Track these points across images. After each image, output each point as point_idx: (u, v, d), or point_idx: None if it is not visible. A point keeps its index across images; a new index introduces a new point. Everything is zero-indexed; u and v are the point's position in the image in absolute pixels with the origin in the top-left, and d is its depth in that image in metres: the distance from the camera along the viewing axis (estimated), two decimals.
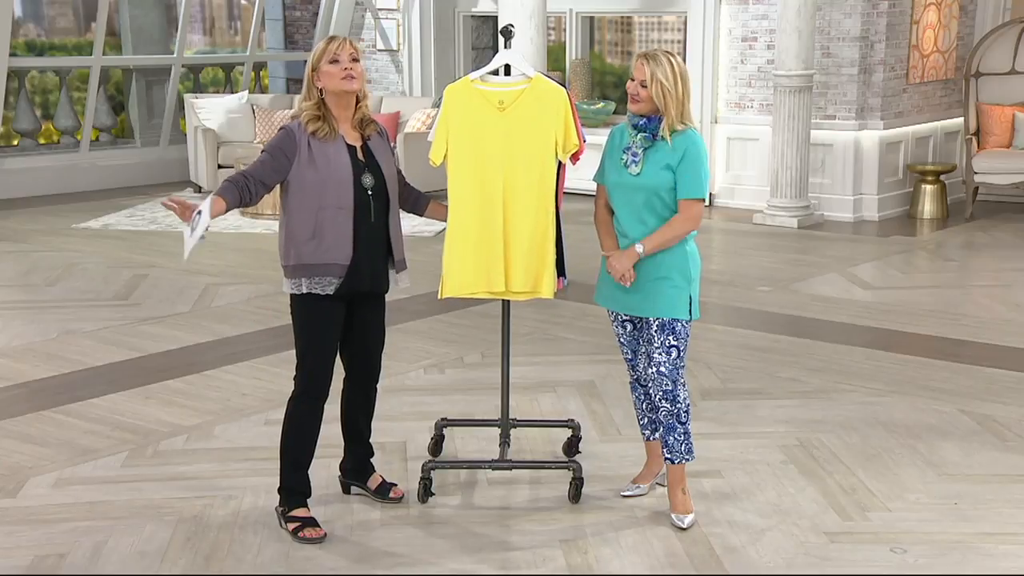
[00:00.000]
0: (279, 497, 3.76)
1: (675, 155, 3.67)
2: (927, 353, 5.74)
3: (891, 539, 3.68)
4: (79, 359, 5.65)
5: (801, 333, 6.13)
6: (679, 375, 3.77)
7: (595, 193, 3.90)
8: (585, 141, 3.86)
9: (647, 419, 3.98)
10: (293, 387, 3.75)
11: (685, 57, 9.99)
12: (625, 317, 3.86)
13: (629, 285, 3.71)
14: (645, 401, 3.95)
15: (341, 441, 3.98)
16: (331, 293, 3.63)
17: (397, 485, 3.99)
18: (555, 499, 3.96)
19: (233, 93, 11.41)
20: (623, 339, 3.90)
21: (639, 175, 3.70)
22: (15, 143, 10.95)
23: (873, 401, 5.00)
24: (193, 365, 5.55)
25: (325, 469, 4.00)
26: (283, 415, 3.78)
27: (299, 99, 3.71)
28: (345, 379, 3.90)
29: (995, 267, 7.90)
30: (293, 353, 3.76)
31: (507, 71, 3.91)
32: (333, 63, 3.59)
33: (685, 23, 10.28)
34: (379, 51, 11.81)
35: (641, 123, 3.71)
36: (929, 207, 9.45)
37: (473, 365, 5.54)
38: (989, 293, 7.11)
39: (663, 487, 3.97)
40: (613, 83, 12.06)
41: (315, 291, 3.62)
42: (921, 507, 3.92)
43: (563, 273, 3.91)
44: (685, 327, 3.77)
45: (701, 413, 4.78)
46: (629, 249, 3.69)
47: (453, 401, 4.99)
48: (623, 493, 3.98)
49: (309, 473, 3.77)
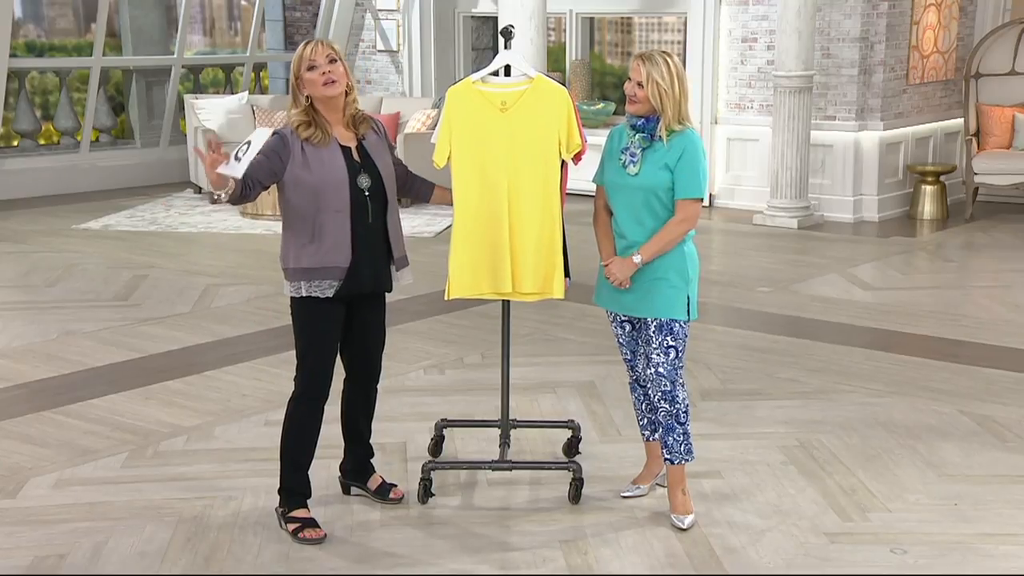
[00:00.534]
0: (279, 498, 3.76)
1: (674, 155, 3.68)
2: (927, 354, 5.74)
3: (891, 540, 3.68)
4: (79, 360, 5.65)
5: (801, 334, 6.13)
6: (678, 376, 3.77)
7: (595, 194, 3.90)
8: (587, 141, 3.87)
9: (647, 419, 3.98)
10: (293, 388, 3.75)
11: (685, 58, 9.99)
12: (624, 318, 3.87)
13: (624, 287, 3.72)
14: (645, 402, 3.95)
15: (341, 442, 3.98)
16: (331, 296, 3.63)
17: (397, 486, 3.99)
18: (555, 500, 3.96)
19: (233, 94, 11.41)
20: (622, 340, 3.91)
21: (637, 175, 3.70)
22: (15, 144, 10.95)
23: (873, 402, 5.00)
24: (193, 366, 5.55)
25: (325, 470, 4.00)
26: (283, 416, 3.78)
27: (287, 106, 3.68)
28: (345, 380, 3.90)
29: (995, 268, 7.90)
30: (293, 354, 3.76)
31: (507, 72, 3.92)
32: (311, 70, 3.57)
33: (685, 24, 10.28)
34: (379, 52, 11.81)
35: (639, 123, 3.72)
36: (929, 208, 9.45)
37: (473, 366, 5.55)
38: (989, 294, 7.11)
39: (663, 488, 3.97)
40: (613, 84, 12.06)
41: (315, 294, 3.62)
42: (921, 508, 3.92)
43: (567, 273, 3.92)
44: (683, 327, 3.77)
45: (701, 414, 4.78)
46: (627, 259, 3.70)
47: (453, 402, 4.99)
48: (623, 494, 3.98)
49: (309, 474, 3.77)
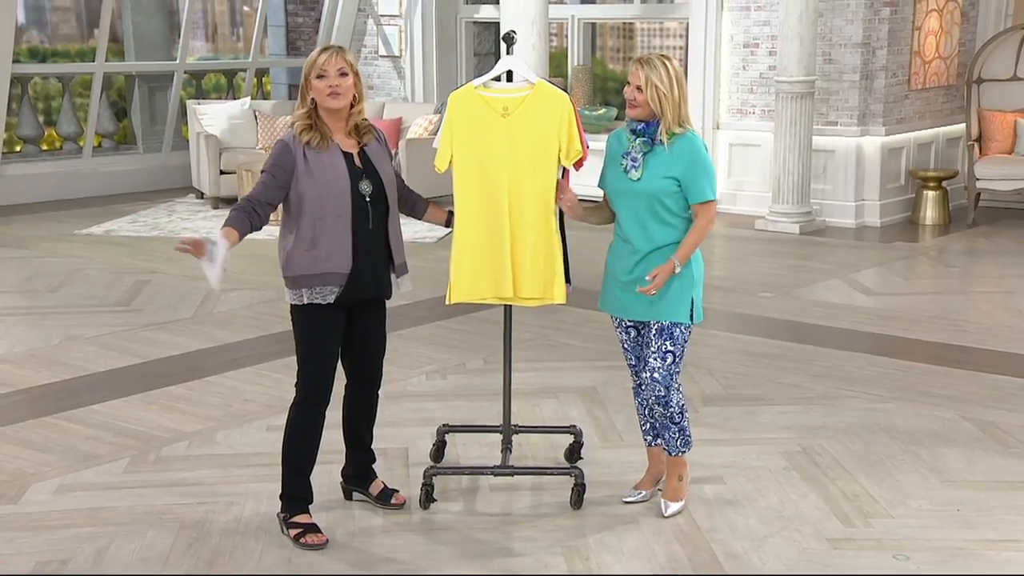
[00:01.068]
0: (281, 503, 3.76)
1: (677, 161, 3.68)
2: (929, 359, 5.73)
3: (894, 546, 3.67)
4: (81, 365, 5.65)
5: (803, 339, 6.12)
6: (672, 380, 3.78)
7: (601, 200, 3.90)
8: (588, 148, 3.87)
9: (649, 424, 3.98)
10: (295, 394, 3.75)
11: (687, 64, 10.00)
12: (629, 323, 3.87)
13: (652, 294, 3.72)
14: (647, 408, 3.95)
15: (343, 447, 3.98)
16: (331, 302, 3.62)
17: (399, 491, 3.99)
18: (557, 505, 3.96)
19: (235, 99, 11.43)
20: (627, 345, 3.91)
21: (639, 180, 3.71)
22: (18, 149, 10.96)
23: (875, 407, 5.00)
24: (195, 371, 5.55)
25: (327, 475, 4.00)
26: (285, 421, 3.77)
27: (296, 105, 3.71)
28: (346, 385, 3.90)
29: (997, 273, 7.90)
30: (295, 359, 3.76)
31: (509, 77, 3.92)
32: (320, 78, 3.59)
33: (687, 29, 10.29)
34: (381, 57, 11.82)
35: (639, 128, 3.72)
36: (931, 213, 9.45)
37: (475, 371, 5.54)
38: (991, 299, 7.10)
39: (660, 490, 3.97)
40: (615, 89, 12.07)
41: (316, 301, 3.62)
42: (924, 514, 3.91)
43: (568, 279, 3.92)
44: (684, 332, 3.77)
45: (703, 419, 4.78)
46: (668, 267, 3.69)
47: (455, 407, 4.98)
48: (625, 499, 3.98)
49: (311, 479, 3.77)
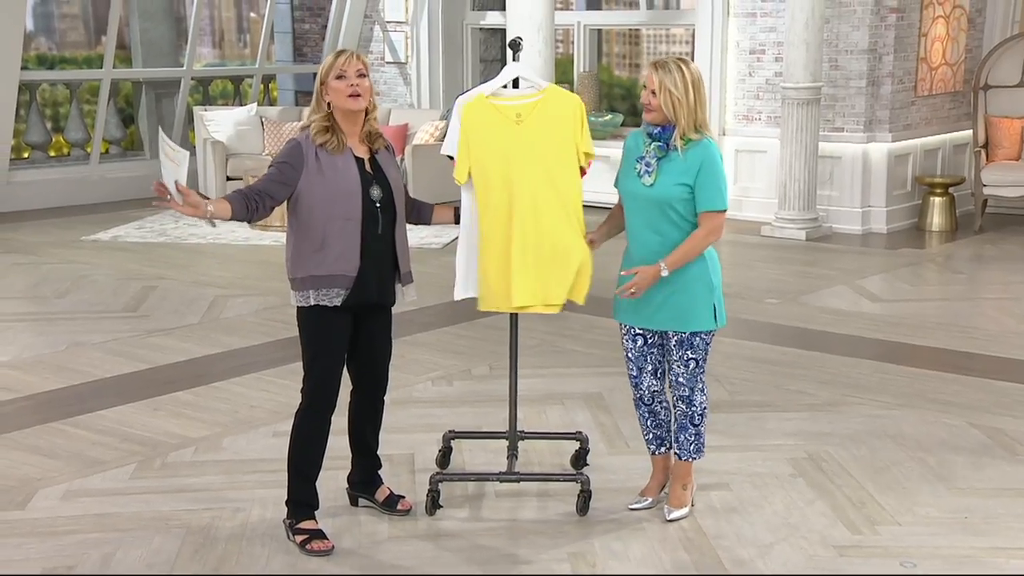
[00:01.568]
0: (287, 509, 3.76)
1: (690, 168, 3.65)
2: (936, 366, 5.72)
3: (901, 553, 3.66)
4: (88, 371, 5.66)
5: (809, 345, 6.11)
6: (697, 382, 3.81)
7: (614, 205, 3.89)
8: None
9: (652, 434, 3.97)
10: (301, 399, 3.76)
11: None
12: (638, 331, 3.84)
13: (635, 298, 3.72)
14: (650, 418, 3.94)
15: (349, 453, 3.98)
16: (338, 304, 3.63)
17: (405, 497, 3.99)
18: (563, 512, 3.95)
19: (242, 105, 11.46)
20: (631, 354, 3.88)
21: (652, 186, 3.68)
22: (26, 156, 11.00)
23: (882, 414, 4.98)
24: (201, 377, 5.56)
25: (333, 481, 4.00)
26: (291, 427, 3.77)
27: (308, 110, 3.72)
28: (352, 391, 3.90)
29: (1004, 280, 7.88)
30: (301, 365, 3.76)
31: (515, 84, 3.92)
32: (339, 79, 3.58)
33: (693, 36, 10.29)
34: (387, 63, 11.84)
35: (655, 132, 3.69)
36: (938, 219, 9.43)
37: (481, 377, 5.54)
38: (998, 306, 7.09)
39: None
40: (621, 95, 12.08)
41: (323, 303, 3.63)
42: (931, 521, 3.90)
43: None
44: (705, 339, 3.78)
45: (709, 426, 4.75)
46: (654, 267, 3.67)
47: (461, 413, 4.98)
48: (630, 506, 3.97)
49: (317, 485, 3.77)
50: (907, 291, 7.51)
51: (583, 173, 3.86)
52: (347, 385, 3.85)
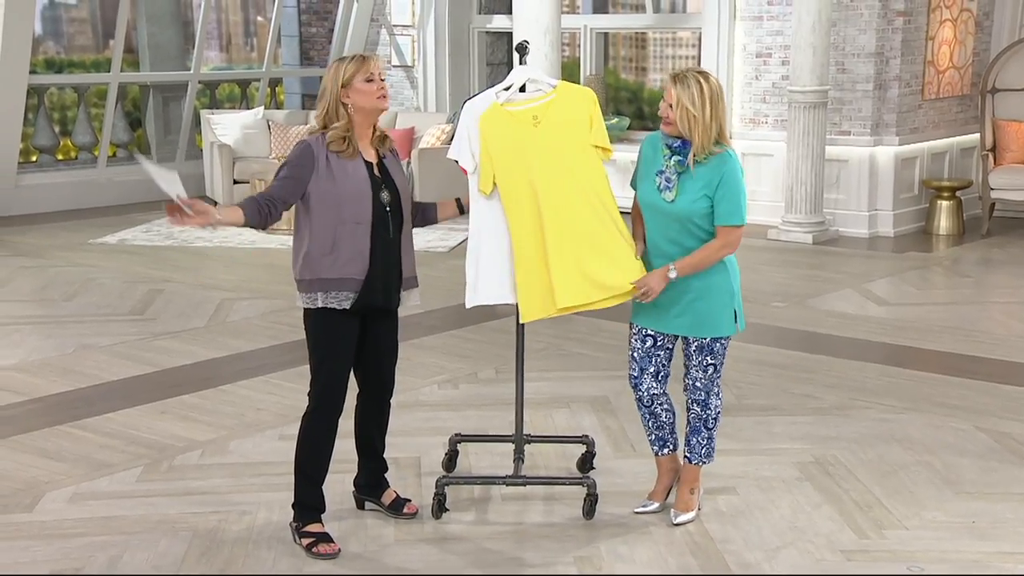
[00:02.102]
0: (293, 512, 3.77)
1: (711, 181, 3.62)
2: (943, 370, 5.71)
3: (908, 557, 3.65)
4: (95, 374, 5.68)
5: (816, 349, 6.10)
6: (713, 386, 3.82)
7: (633, 201, 3.84)
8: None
9: (654, 436, 3.96)
10: (308, 402, 3.76)
11: None
12: (649, 332, 3.83)
13: (647, 301, 3.70)
14: (651, 420, 3.92)
15: (355, 456, 3.98)
16: (347, 308, 3.63)
17: (411, 501, 3.99)
18: (569, 515, 3.95)
19: (249, 109, 11.48)
20: (637, 354, 3.86)
21: (673, 203, 3.66)
22: (34, 159, 11.03)
23: (889, 418, 4.97)
24: (208, 380, 5.57)
25: (339, 484, 4.00)
26: (297, 430, 3.78)
27: (315, 116, 3.71)
28: (359, 394, 3.90)
29: (1012, 283, 7.86)
30: (308, 368, 3.76)
31: (522, 88, 3.92)
32: (369, 81, 3.60)
33: (699, 39, 10.29)
34: (394, 67, 11.86)
35: (676, 145, 3.66)
36: (945, 223, 9.41)
37: (487, 380, 5.54)
38: (1006, 310, 7.07)
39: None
40: (627, 99, 12.08)
41: (331, 305, 3.63)
42: (938, 525, 3.89)
43: None
44: (724, 344, 3.79)
45: None
46: (662, 270, 3.66)
47: (467, 416, 4.98)
48: (636, 510, 3.97)
49: (323, 488, 3.78)
50: (914, 295, 7.49)
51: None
52: (354, 388, 3.85)
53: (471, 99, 3.91)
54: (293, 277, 3.70)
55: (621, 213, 3.83)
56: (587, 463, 4.35)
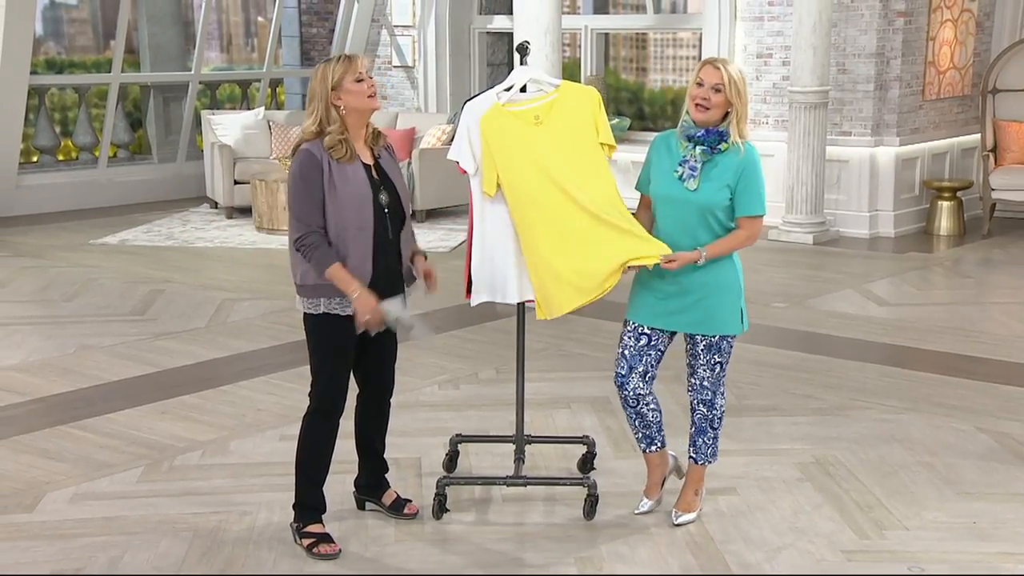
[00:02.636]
0: (294, 513, 3.77)
1: (734, 172, 3.63)
2: (943, 370, 5.71)
3: (909, 558, 3.65)
4: (96, 374, 5.68)
5: (816, 350, 6.10)
6: (719, 386, 3.83)
7: (639, 203, 3.84)
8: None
9: (641, 434, 3.92)
10: (308, 403, 3.76)
11: None
12: (645, 330, 3.80)
13: (672, 269, 3.62)
14: (637, 419, 3.87)
15: (355, 457, 3.98)
16: (350, 313, 3.62)
17: (411, 501, 3.99)
18: (570, 516, 3.95)
19: (249, 109, 11.48)
20: (628, 351, 3.80)
21: (696, 191, 3.64)
22: (35, 160, 11.04)
23: (889, 418, 4.97)
24: (209, 380, 5.57)
25: (340, 485, 4.00)
26: (298, 431, 3.78)
27: (307, 120, 3.59)
28: (359, 395, 3.90)
29: (1012, 284, 7.86)
30: (308, 368, 3.76)
31: (522, 89, 3.92)
32: (359, 81, 3.58)
33: (700, 40, 10.29)
34: (394, 67, 11.86)
35: (699, 135, 3.64)
36: (946, 224, 9.42)
37: (488, 381, 5.54)
38: (1006, 310, 7.07)
39: (681, 478, 3.98)
40: (628, 99, 12.07)
41: (334, 311, 3.62)
42: (939, 526, 3.89)
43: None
44: (730, 343, 3.79)
45: None
46: (694, 252, 3.64)
47: (467, 417, 4.98)
48: (636, 511, 3.96)
49: (324, 489, 3.78)
50: (914, 295, 7.49)
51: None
52: (354, 389, 3.85)
53: (471, 99, 3.91)
54: (293, 281, 3.69)
55: None
56: (588, 463, 4.35)
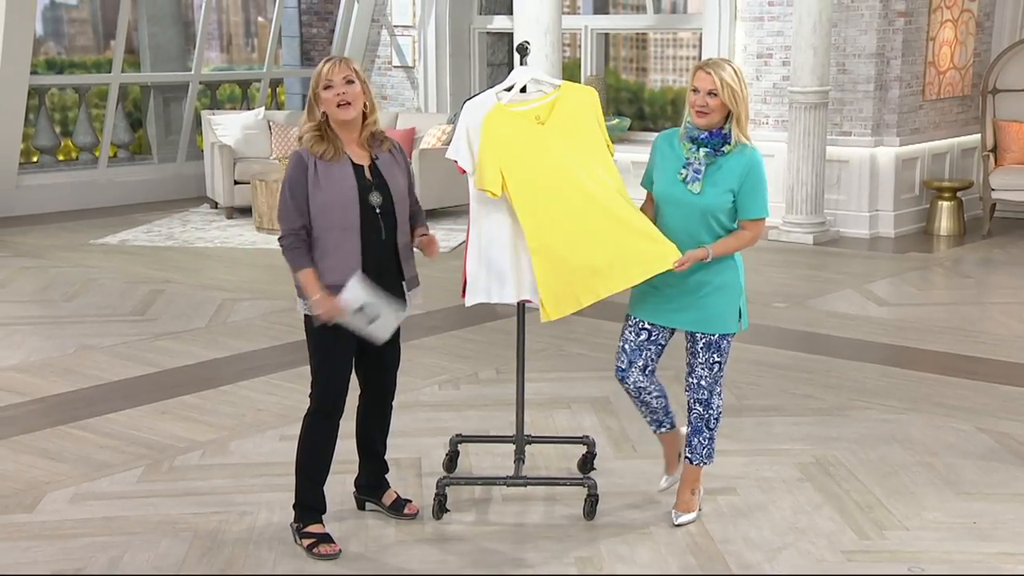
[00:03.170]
0: (294, 513, 3.77)
1: (737, 174, 3.63)
2: (944, 370, 5.71)
3: (909, 558, 3.65)
4: (96, 374, 5.68)
5: (816, 350, 6.11)
6: (716, 386, 3.82)
7: (644, 200, 3.83)
8: None
9: (649, 418, 3.96)
10: (309, 403, 3.76)
11: None
12: (646, 325, 3.80)
13: (682, 270, 3.64)
14: (642, 407, 3.92)
15: (356, 457, 3.98)
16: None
17: (412, 501, 3.99)
18: (570, 516, 3.95)
19: (250, 109, 11.48)
20: (628, 346, 3.81)
21: (700, 194, 3.64)
22: (35, 160, 11.04)
23: (890, 419, 4.97)
24: (209, 380, 5.57)
25: (340, 485, 4.00)
26: (298, 431, 3.78)
27: (301, 119, 3.66)
28: (360, 395, 3.90)
29: (1012, 284, 7.86)
30: (308, 369, 3.76)
31: (523, 89, 3.92)
32: (327, 89, 3.55)
33: (700, 40, 10.29)
34: (395, 67, 11.86)
35: (703, 137, 3.63)
36: (946, 224, 9.42)
37: (488, 381, 5.54)
38: (1006, 310, 7.07)
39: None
40: (628, 99, 12.07)
41: None
42: (939, 526, 3.89)
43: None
44: (729, 342, 3.80)
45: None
46: (702, 250, 3.65)
47: (468, 417, 4.98)
48: (659, 489, 4.03)
49: (324, 489, 3.78)
50: (915, 295, 7.49)
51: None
52: (355, 389, 3.85)
53: (471, 99, 3.91)
54: (293, 282, 3.70)
55: None
56: (588, 464, 4.35)
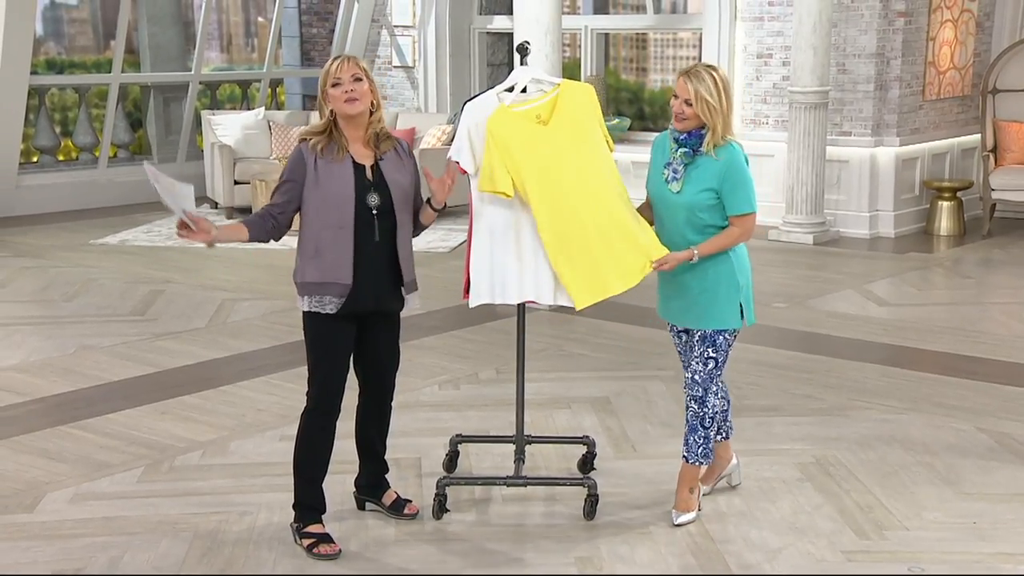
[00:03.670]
0: (294, 513, 3.77)
1: (717, 173, 3.69)
2: (944, 371, 5.71)
3: (909, 558, 3.65)
4: (96, 374, 5.68)
5: (817, 350, 6.10)
6: (711, 384, 3.83)
7: (644, 201, 3.92)
8: None
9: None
10: (306, 402, 3.76)
11: None
12: (679, 328, 3.93)
13: (665, 270, 3.73)
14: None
15: (356, 457, 3.98)
16: (332, 312, 3.62)
17: (412, 501, 3.99)
18: (570, 516, 3.95)
19: (250, 109, 11.48)
20: (679, 348, 4.01)
21: (679, 193, 3.73)
22: (35, 160, 11.04)
23: (890, 419, 4.98)
24: (209, 380, 5.57)
25: (340, 485, 4.00)
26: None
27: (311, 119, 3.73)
28: (360, 395, 3.90)
29: (1012, 284, 7.86)
30: (307, 369, 3.77)
31: (523, 89, 3.93)
32: (335, 86, 3.59)
33: (700, 40, 10.29)
34: (395, 68, 11.86)
35: (682, 138, 3.73)
36: (946, 224, 9.42)
37: (488, 381, 5.54)
38: (1006, 310, 7.07)
39: (732, 487, 4.10)
40: (628, 99, 12.07)
41: (315, 309, 3.63)
42: (939, 526, 3.89)
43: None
44: (727, 339, 3.82)
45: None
46: (687, 251, 3.72)
47: (468, 417, 4.98)
48: (703, 493, 4.03)
49: (324, 489, 3.78)
50: (915, 295, 7.49)
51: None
52: (355, 388, 3.85)
53: (471, 100, 3.92)
54: (293, 281, 3.72)
55: None
56: (588, 464, 4.35)
